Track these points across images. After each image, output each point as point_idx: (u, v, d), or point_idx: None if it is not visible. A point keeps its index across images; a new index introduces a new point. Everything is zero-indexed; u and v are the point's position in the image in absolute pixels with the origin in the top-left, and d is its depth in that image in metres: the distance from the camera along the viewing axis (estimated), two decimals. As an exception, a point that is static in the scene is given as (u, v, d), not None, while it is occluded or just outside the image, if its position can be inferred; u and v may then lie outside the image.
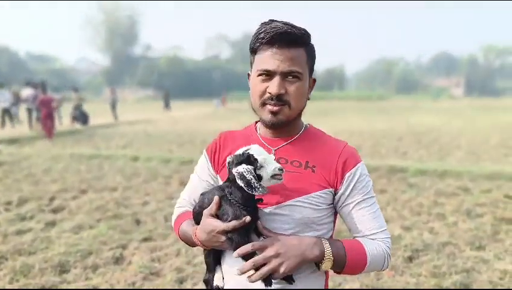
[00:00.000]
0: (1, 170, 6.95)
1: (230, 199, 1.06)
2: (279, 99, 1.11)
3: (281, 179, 1.05)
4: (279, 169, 1.04)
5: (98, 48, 70.53)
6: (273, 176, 1.04)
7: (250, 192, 1.01)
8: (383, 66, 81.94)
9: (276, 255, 1.02)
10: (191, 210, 1.28)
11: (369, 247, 1.12)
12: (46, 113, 11.38)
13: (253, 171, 1.02)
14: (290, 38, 1.10)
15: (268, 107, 1.13)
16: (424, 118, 18.73)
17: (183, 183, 5.83)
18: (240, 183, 1.02)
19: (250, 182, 1.01)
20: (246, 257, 1.03)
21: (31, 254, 3.51)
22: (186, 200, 1.35)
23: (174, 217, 1.35)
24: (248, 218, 1.03)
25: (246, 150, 1.06)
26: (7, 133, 12.44)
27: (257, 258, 1.01)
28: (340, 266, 1.09)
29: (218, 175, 1.28)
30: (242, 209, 1.04)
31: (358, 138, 11.25)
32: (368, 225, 1.16)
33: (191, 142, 10.71)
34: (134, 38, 71.46)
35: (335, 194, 1.16)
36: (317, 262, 1.09)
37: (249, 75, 1.24)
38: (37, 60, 73.69)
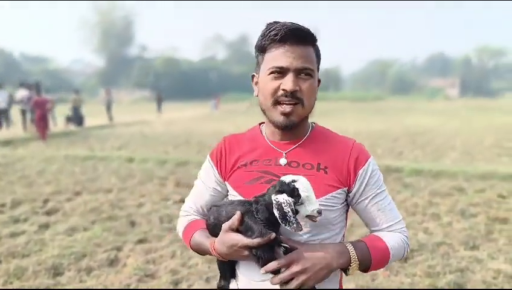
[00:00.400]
0: (-5, 172, 6.90)
1: (256, 217, 1.03)
2: (293, 96, 1.09)
3: (316, 221, 1.03)
4: (317, 211, 1.00)
5: (93, 49, 70.29)
6: (308, 216, 1.01)
7: (283, 224, 0.98)
8: (378, 66, 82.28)
9: (303, 271, 1.02)
10: (199, 219, 1.27)
11: (389, 241, 1.15)
12: (40, 115, 11.32)
13: (293, 205, 0.98)
14: (301, 36, 1.10)
15: (280, 108, 1.11)
16: (420, 118, 18.82)
17: (178, 185, 5.82)
18: (276, 212, 0.98)
19: (287, 215, 0.97)
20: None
21: (25, 257, 3.48)
22: (192, 208, 1.31)
23: (181, 227, 1.30)
24: (273, 235, 1.01)
25: (292, 181, 1.01)
26: (0, 134, 12.36)
27: (284, 276, 1.01)
28: (366, 266, 1.12)
29: (226, 182, 1.24)
30: (267, 228, 1.02)
31: (354, 138, 11.26)
32: (384, 217, 1.19)
33: (187, 143, 10.69)
34: (129, 39, 71.26)
35: (349, 192, 1.18)
36: (344, 268, 1.10)
37: (253, 76, 1.22)
38: (31, 61, 73.27)
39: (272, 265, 1.01)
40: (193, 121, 18.16)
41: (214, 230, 1.15)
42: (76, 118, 15.37)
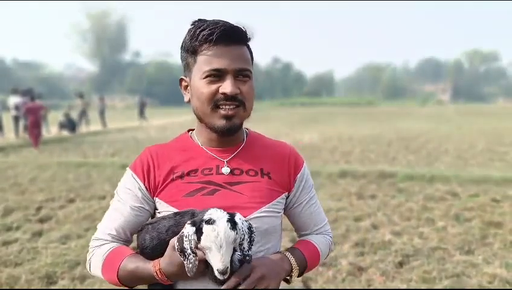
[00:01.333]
0: (-14, 179, 6.81)
1: None
2: (234, 99, 1.02)
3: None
4: (218, 270, 0.87)
5: (85, 54, 70.07)
6: (211, 274, 0.91)
7: (180, 257, 0.89)
8: (370, 71, 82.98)
9: (263, 277, 1.00)
10: (121, 245, 1.09)
11: (319, 244, 1.19)
12: (33, 121, 11.20)
13: (192, 245, 0.88)
14: (237, 36, 1.03)
15: (222, 111, 1.03)
16: (412, 123, 18.96)
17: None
18: (175, 243, 0.90)
19: (185, 251, 0.88)
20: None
21: (17, 265, 3.43)
22: (111, 234, 1.09)
23: (98, 258, 1.06)
24: None
25: (206, 221, 0.88)
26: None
27: (248, 284, 0.96)
28: (302, 271, 1.15)
29: (156, 198, 1.09)
30: None
31: (347, 143, 11.33)
32: (314, 221, 1.21)
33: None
34: (122, 44, 71.19)
35: (287, 197, 1.16)
36: (286, 275, 1.10)
37: (181, 80, 1.13)
38: (24, 67, 72.70)
39: (233, 282, 0.94)
40: (186, 126, 17.92)
41: (153, 252, 1.01)
42: (69, 124, 15.28)
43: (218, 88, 1.02)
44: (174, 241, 0.93)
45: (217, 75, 1.02)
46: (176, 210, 1.05)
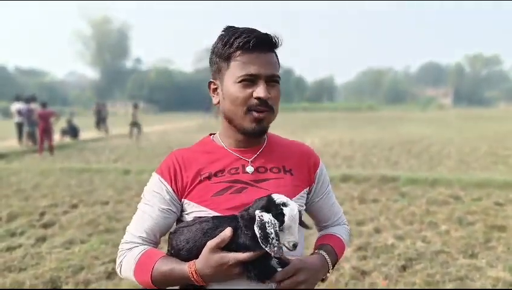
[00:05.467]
0: (-10, 186, 6.84)
1: (246, 232, 0.98)
2: (266, 104, 1.08)
3: (282, 254, 0.95)
4: (293, 245, 0.96)
5: (87, 62, 70.38)
6: (284, 245, 0.97)
7: (263, 245, 0.92)
8: (371, 76, 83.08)
9: (304, 281, 1.04)
10: (152, 248, 1.12)
11: (343, 235, 1.29)
12: (43, 127, 11.21)
13: (277, 227, 0.93)
14: (268, 43, 1.09)
15: (254, 114, 1.08)
16: (414, 128, 18.97)
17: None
18: (256, 230, 0.93)
19: (269, 237, 0.92)
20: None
21: (22, 271, 3.44)
22: (141, 237, 1.13)
23: (130, 261, 1.09)
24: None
25: (283, 204, 0.96)
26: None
27: (287, 284, 1.00)
28: (334, 264, 1.21)
29: (184, 200, 1.13)
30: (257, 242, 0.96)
31: (349, 148, 11.33)
32: (333, 212, 1.32)
33: (183, 154, 10.65)
34: (124, 51, 71.48)
35: (309, 192, 1.23)
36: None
37: (210, 84, 1.18)
38: (26, 74, 73.01)
39: (281, 275, 1.00)
40: (188, 132, 18.16)
41: (188, 254, 1.04)
42: (72, 130, 15.33)
43: (251, 92, 1.08)
44: (211, 244, 0.98)
45: (250, 80, 1.07)
46: (205, 209, 1.09)
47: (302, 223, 1.04)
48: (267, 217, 0.93)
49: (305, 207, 1.22)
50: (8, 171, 8.31)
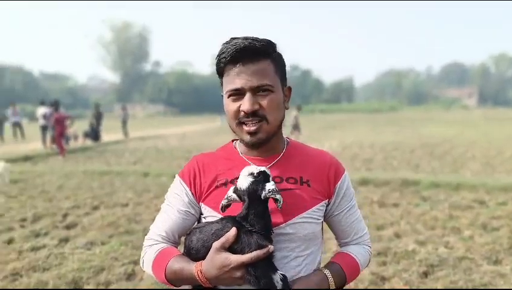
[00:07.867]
0: (16, 187, 7.06)
1: (251, 230, 1.00)
2: (255, 115, 1.08)
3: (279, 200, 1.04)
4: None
5: (108, 66, 71.95)
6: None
7: (279, 205, 1.01)
8: (392, 77, 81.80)
9: None
10: (170, 246, 1.17)
11: (358, 256, 1.22)
12: (59, 131, 11.56)
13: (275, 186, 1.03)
14: (252, 53, 1.07)
15: (245, 127, 1.10)
16: (436, 129, 18.55)
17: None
18: (277, 197, 1.00)
19: (278, 199, 1.01)
20: None
21: (45, 271, 3.53)
22: (161, 235, 1.17)
23: (150, 257, 1.14)
24: (272, 247, 0.99)
25: (259, 171, 1.05)
26: (21, 151, 12.67)
27: None
28: (342, 286, 1.17)
29: (201, 203, 1.17)
30: (264, 239, 1.00)
31: (369, 150, 11.17)
32: (355, 230, 1.25)
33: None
34: (144, 55, 72.72)
35: (327, 204, 1.20)
36: None
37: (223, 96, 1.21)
38: (50, 79, 75.23)
39: None
40: (206, 135, 18.32)
41: (197, 254, 1.07)
42: (93, 133, 15.68)
43: (239, 106, 1.09)
44: (216, 244, 1.00)
45: (237, 94, 1.09)
46: (218, 215, 1.11)
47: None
48: (271, 185, 1.01)
49: (321, 220, 1.19)
50: (34, 173, 8.56)
